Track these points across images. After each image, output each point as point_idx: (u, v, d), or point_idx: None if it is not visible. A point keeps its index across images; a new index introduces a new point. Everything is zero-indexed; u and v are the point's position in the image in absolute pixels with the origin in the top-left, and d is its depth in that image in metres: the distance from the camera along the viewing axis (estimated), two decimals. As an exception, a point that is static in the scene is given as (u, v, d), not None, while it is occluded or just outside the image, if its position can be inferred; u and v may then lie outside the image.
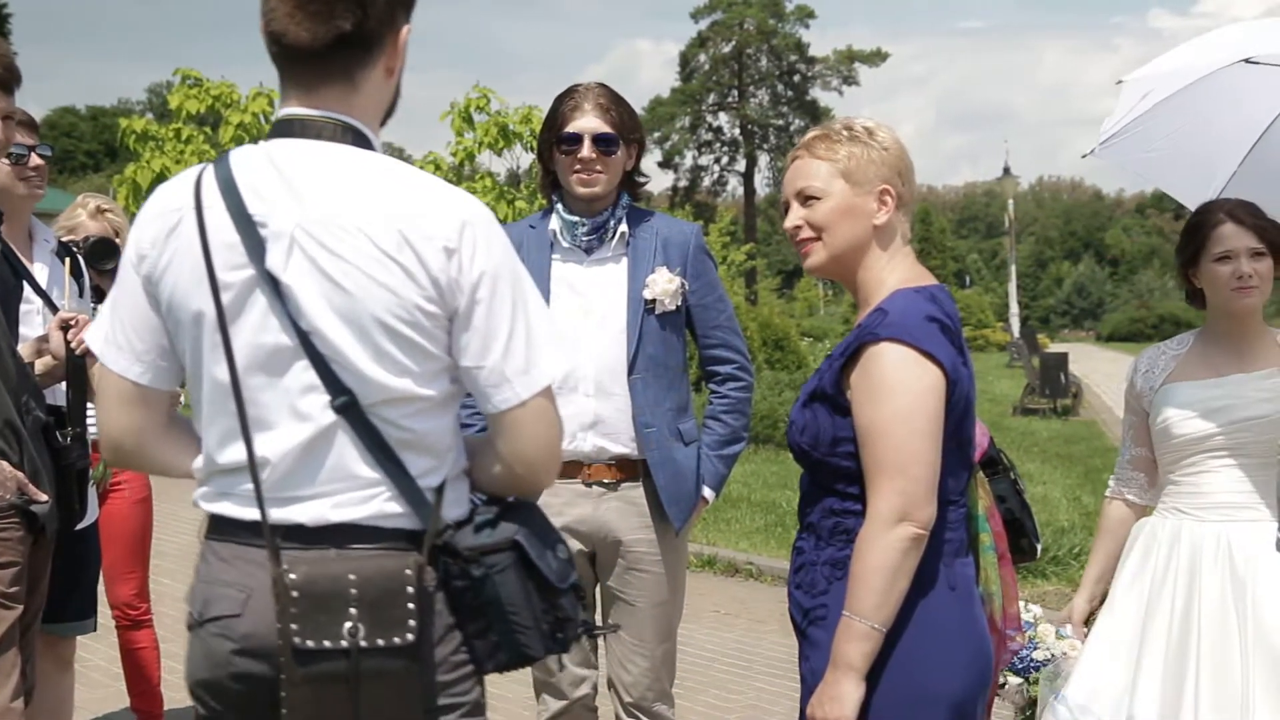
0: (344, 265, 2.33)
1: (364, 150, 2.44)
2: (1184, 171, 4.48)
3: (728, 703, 6.53)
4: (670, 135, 64.62)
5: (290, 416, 2.38)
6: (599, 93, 4.17)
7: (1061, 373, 22.25)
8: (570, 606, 2.47)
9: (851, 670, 2.77)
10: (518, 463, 2.48)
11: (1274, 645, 3.61)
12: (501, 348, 2.40)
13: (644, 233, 4.19)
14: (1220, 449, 3.80)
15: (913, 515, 2.76)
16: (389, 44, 2.45)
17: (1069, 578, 8.74)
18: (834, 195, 2.96)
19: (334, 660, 2.33)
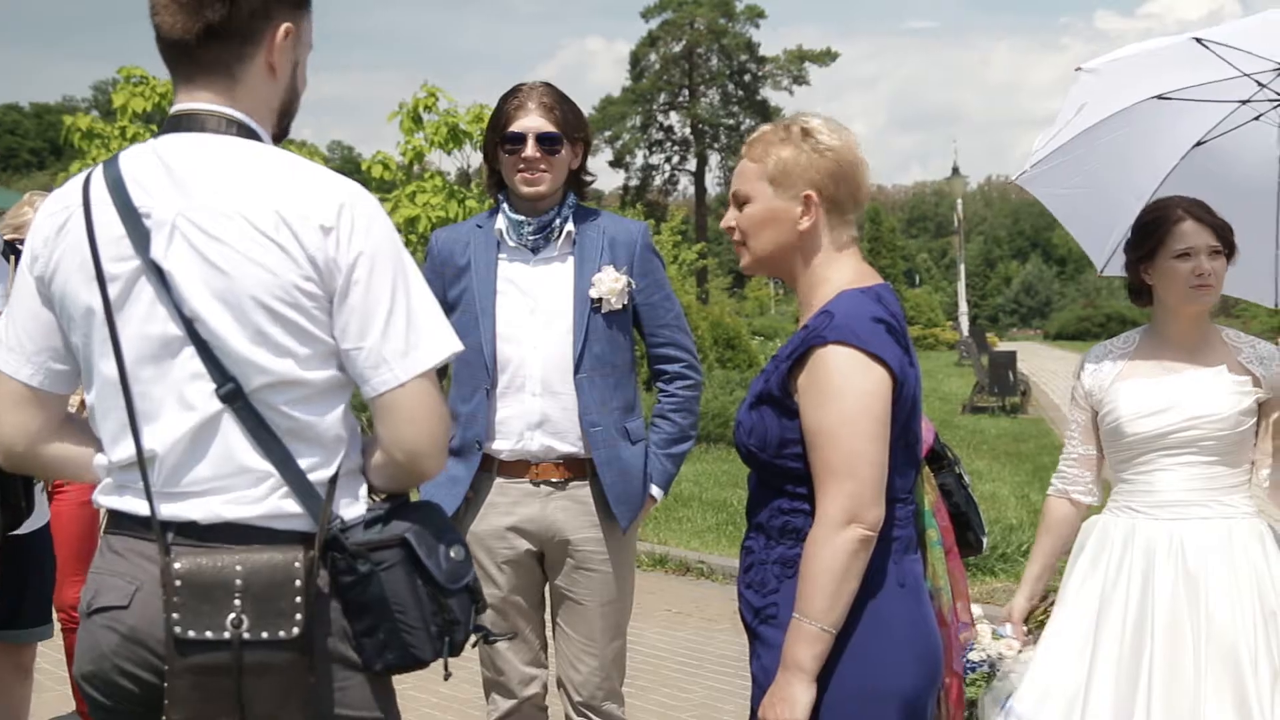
0: (222, 248, 2.34)
1: (249, 140, 2.45)
2: (1088, 219, 4.45)
3: (679, 701, 6.52)
4: (621, 134, 64.65)
5: (177, 406, 2.38)
6: (543, 92, 4.16)
7: (1010, 371, 22.38)
8: (461, 609, 2.45)
9: (802, 672, 2.77)
10: (397, 449, 2.44)
11: (1226, 645, 3.63)
12: (380, 329, 2.38)
13: (590, 231, 4.18)
14: (1171, 447, 3.81)
15: (861, 517, 2.76)
16: (265, 39, 2.46)
17: (1017, 574, 8.75)
18: (758, 200, 2.96)
19: (216, 651, 2.31)
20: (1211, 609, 3.67)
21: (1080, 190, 4.33)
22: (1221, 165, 4.22)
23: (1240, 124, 4.19)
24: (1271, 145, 4.23)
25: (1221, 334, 3.95)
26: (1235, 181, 4.03)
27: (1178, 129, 4.23)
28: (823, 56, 64.72)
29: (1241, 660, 3.60)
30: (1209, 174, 4.16)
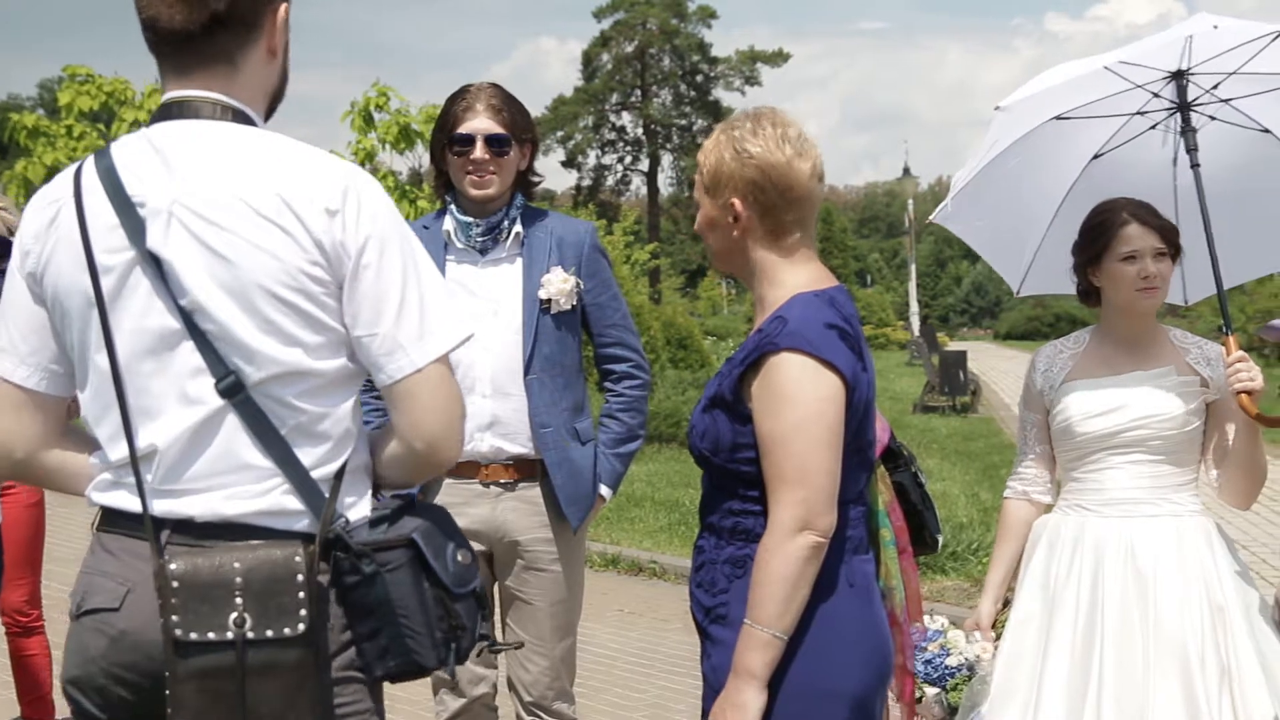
0: (224, 234, 2.26)
1: (245, 126, 2.38)
2: (1002, 245, 4.50)
3: (631, 701, 6.52)
4: (573, 134, 64.56)
5: (178, 402, 2.30)
6: (491, 93, 4.15)
7: (960, 370, 22.50)
8: (467, 614, 2.37)
9: (753, 679, 2.77)
10: (417, 437, 2.37)
11: (1174, 642, 3.65)
12: (394, 313, 2.32)
13: (539, 232, 4.18)
14: (1121, 446, 3.84)
15: (813, 524, 2.77)
16: (267, 22, 2.40)
17: (967, 573, 8.84)
18: (702, 206, 3.00)
19: (219, 653, 2.22)
20: (1160, 606, 3.69)
21: (990, 219, 4.38)
22: (1119, 175, 4.25)
23: (1136, 134, 4.23)
24: (1166, 151, 4.28)
25: (1169, 335, 3.98)
26: (1134, 190, 4.08)
27: (1075, 145, 4.28)
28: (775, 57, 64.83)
29: (1189, 657, 3.63)
30: (1108, 185, 4.19)
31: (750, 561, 2.84)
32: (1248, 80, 4.05)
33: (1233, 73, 4.02)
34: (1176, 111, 4.07)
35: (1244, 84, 4.08)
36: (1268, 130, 4.21)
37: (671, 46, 64.01)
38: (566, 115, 63.98)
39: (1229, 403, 3.79)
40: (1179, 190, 4.26)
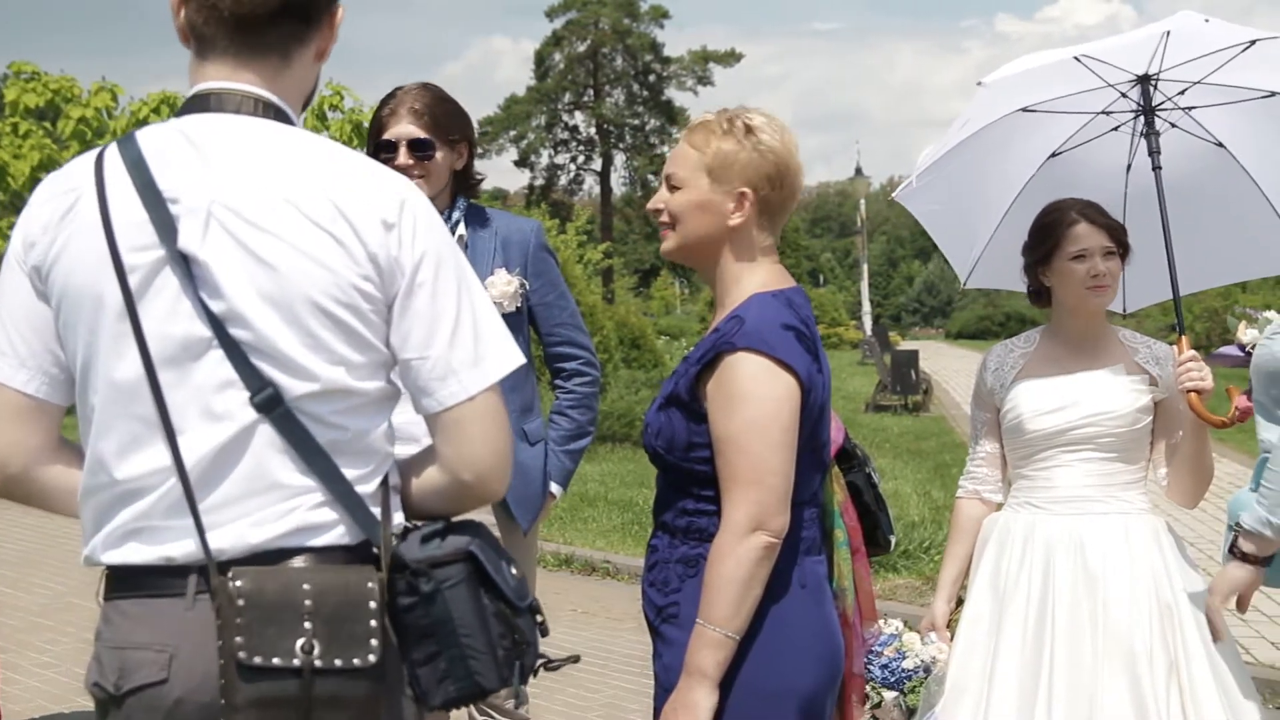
0: (271, 240, 2.09)
1: (288, 125, 2.22)
2: (954, 234, 4.51)
3: (586, 701, 6.52)
4: (526, 134, 64.46)
5: (203, 418, 2.10)
6: (415, 96, 4.11)
7: (912, 370, 22.61)
8: (529, 629, 2.20)
9: (705, 678, 2.77)
10: (466, 469, 2.21)
11: (1123, 638, 3.68)
12: (447, 336, 2.16)
13: (482, 234, 4.15)
14: (1070, 444, 3.86)
15: (767, 525, 2.77)
16: (326, 21, 2.28)
17: (919, 571, 8.89)
18: (694, 188, 2.93)
19: (284, 680, 2.03)
20: (1109, 603, 3.72)
21: (947, 205, 4.40)
22: (1074, 175, 4.28)
23: (1099, 134, 4.26)
24: (1120, 159, 4.31)
25: (1119, 334, 4.01)
26: (1085, 191, 4.12)
27: (1035, 141, 4.30)
28: (727, 57, 64.93)
29: (1137, 653, 3.66)
30: (1061, 184, 4.23)
31: (703, 561, 2.84)
32: (1210, 91, 4.08)
33: (1197, 82, 4.05)
34: (1140, 115, 4.09)
35: (1207, 94, 4.11)
36: (1221, 145, 4.24)
37: (624, 46, 64.02)
38: (519, 115, 63.88)
39: (1177, 402, 3.83)
40: (1129, 196, 4.30)
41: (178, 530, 2.11)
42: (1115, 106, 4.17)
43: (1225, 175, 4.26)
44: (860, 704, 3.38)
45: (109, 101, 15.89)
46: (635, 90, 65.84)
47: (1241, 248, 4.37)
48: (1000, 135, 4.19)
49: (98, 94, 15.76)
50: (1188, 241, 4.06)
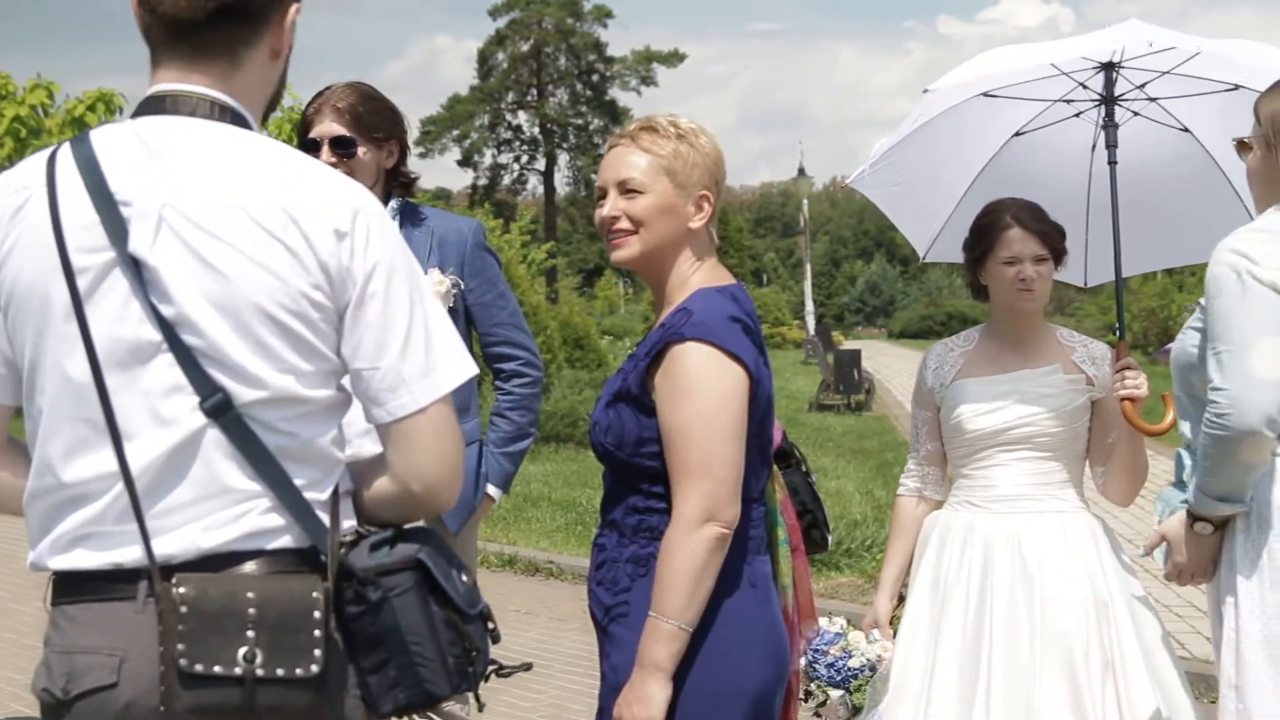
0: (221, 246, 2.07)
1: (243, 129, 2.20)
2: (913, 210, 4.55)
3: (529, 702, 6.51)
4: (469, 133, 64.27)
5: (152, 422, 2.08)
6: (341, 94, 4.08)
7: (855, 369, 22.73)
8: (479, 636, 2.20)
9: (659, 671, 2.78)
10: (415, 480, 2.21)
11: (1060, 635, 3.72)
12: (399, 347, 2.15)
13: (417, 233, 4.11)
14: (1009, 443, 3.90)
15: (718, 516, 2.78)
16: (275, 20, 2.23)
17: (861, 569, 8.93)
18: (657, 191, 2.93)
19: (225, 688, 2.02)
20: (1046, 600, 3.76)
21: (906, 184, 4.43)
22: (1037, 155, 4.37)
23: (1059, 119, 4.32)
24: (1086, 138, 4.38)
25: (1056, 333, 4.06)
26: (1048, 170, 4.19)
27: (998, 121, 4.36)
28: (670, 58, 65.02)
29: (1074, 650, 3.70)
30: (1024, 163, 4.32)
31: (653, 560, 2.85)
32: (1177, 81, 4.15)
33: (1166, 72, 4.12)
34: (1101, 104, 4.15)
35: (1172, 85, 4.18)
36: (1187, 129, 4.32)
37: (567, 46, 63.99)
38: (462, 114, 63.70)
39: (1113, 401, 3.87)
40: (1093, 176, 4.37)
41: (128, 535, 2.09)
42: (1076, 95, 4.22)
43: (1190, 160, 4.35)
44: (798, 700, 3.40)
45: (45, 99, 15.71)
46: (579, 90, 65.83)
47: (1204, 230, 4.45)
48: (960, 119, 4.24)
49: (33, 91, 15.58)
50: (1153, 224, 4.14)
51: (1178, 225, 4.37)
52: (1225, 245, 3.14)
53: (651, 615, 2.79)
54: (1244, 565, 3.13)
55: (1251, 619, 3.10)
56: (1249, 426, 3.03)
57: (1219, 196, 4.36)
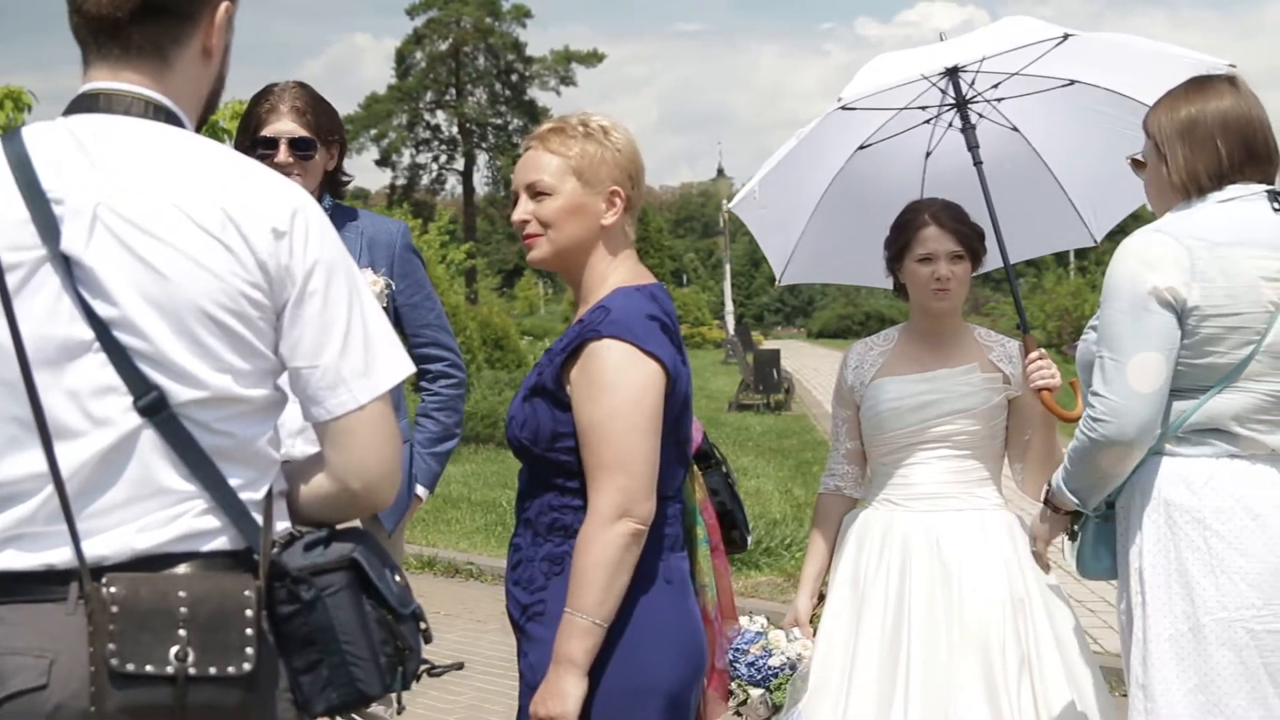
0: (158, 245, 2.06)
1: (177, 129, 2.19)
2: (774, 233, 4.57)
3: (448, 704, 6.48)
4: (387, 133, 63.89)
5: (84, 422, 2.07)
6: (295, 94, 4.08)
7: (774, 369, 22.85)
8: (412, 635, 2.22)
9: (574, 666, 2.78)
10: (354, 477, 2.22)
11: (977, 632, 3.75)
12: (338, 345, 2.16)
13: (348, 233, 4.11)
14: (927, 441, 3.93)
15: (633, 512, 2.78)
16: (205, 18, 2.21)
17: (781, 568, 8.97)
18: (564, 193, 2.95)
19: (157, 687, 2.01)
20: (964, 597, 3.79)
21: (770, 209, 4.47)
22: (878, 168, 4.41)
23: (912, 126, 4.37)
24: (921, 146, 4.44)
25: (974, 333, 4.09)
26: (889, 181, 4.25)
27: (848, 136, 4.39)
28: (590, 58, 65.01)
29: (991, 646, 3.74)
30: (866, 178, 4.37)
31: (568, 559, 2.85)
32: (1021, 82, 4.23)
33: (1014, 73, 4.19)
34: (954, 108, 4.19)
35: (1016, 86, 4.26)
36: (1016, 129, 4.41)
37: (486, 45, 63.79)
38: (380, 113, 63.30)
39: (1028, 399, 3.92)
40: (925, 181, 4.45)
41: (59, 536, 2.07)
42: (928, 100, 4.27)
43: (1023, 159, 4.45)
44: (722, 699, 3.41)
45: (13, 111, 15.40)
46: (498, 90, 65.65)
47: (1040, 225, 4.55)
48: (819, 135, 4.25)
49: (3, 102, 15.27)
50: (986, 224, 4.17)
51: (1024, 220, 4.41)
52: (1126, 247, 3.19)
53: (567, 611, 2.79)
54: (1151, 567, 3.17)
55: (1159, 620, 3.14)
56: (1124, 437, 3.08)
57: (1046, 193, 4.48)
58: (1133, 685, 3.21)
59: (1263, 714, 3.07)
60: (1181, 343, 3.10)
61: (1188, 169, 3.19)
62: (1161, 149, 3.24)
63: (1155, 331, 3.08)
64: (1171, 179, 3.22)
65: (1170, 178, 3.22)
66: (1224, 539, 3.09)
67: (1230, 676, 3.07)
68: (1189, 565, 3.11)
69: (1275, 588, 3.08)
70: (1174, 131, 3.21)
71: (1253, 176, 3.19)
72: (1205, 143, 3.17)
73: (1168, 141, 3.22)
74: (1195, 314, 3.07)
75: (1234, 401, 3.12)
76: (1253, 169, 3.19)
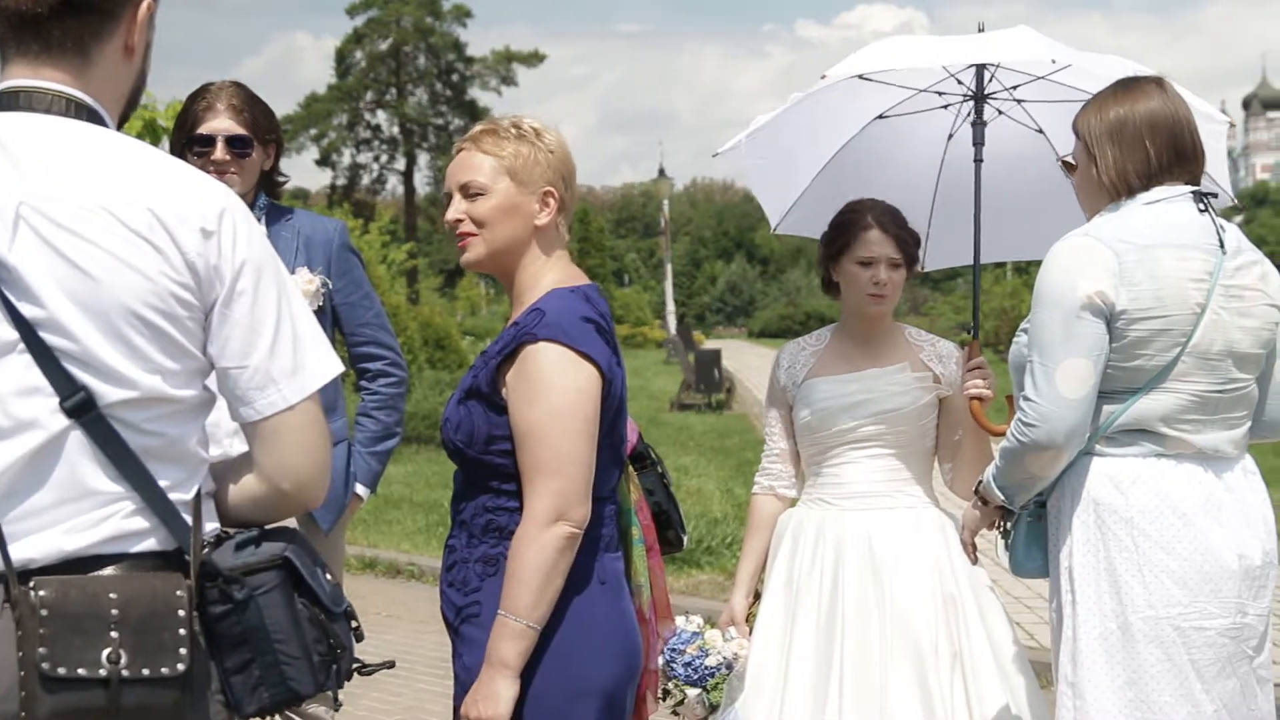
0: (85, 246, 2.04)
1: (100, 128, 2.16)
2: (774, 183, 4.60)
3: (388, 705, 6.47)
4: (327, 132, 63.46)
5: (9, 424, 2.04)
6: (232, 92, 4.08)
7: (715, 368, 22.90)
8: (344, 634, 2.21)
9: (506, 669, 2.79)
10: (284, 478, 2.22)
11: (909, 629, 3.79)
12: (267, 345, 2.16)
13: (284, 231, 4.12)
14: (860, 441, 3.96)
15: (568, 515, 2.80)
16: (126, 15, 2.19)
17: (721, 567, 9.00)
18: (498, 192, 2.96)
19: (90, 690, 1.99)
20: (896, 595, 3.83)
21: (770, 160, 4.48)
22: (897, 141, 4.46)
23: (925, 108, 4.41)
24: (944, 128, 4.48)
25: (905, 332, 4.13)
26: (903, 156, 4.29)
27: (865, 102, 4.42)
28: (531, 58, 64.81)
29: (923, 644, 3.78)
30: (883, 146, 4.41)
31: (503, 560, 2.86)
32: (1044, 87, 4.26)
33: (1039, 77, 4.22)
34: (971, 100, 4.23)
35: (1040, 90, 4.29)
36: (1042, 131, 4.44)
37: (426, 45, 63.48)
38: (320, 113, 62.84)
39: (960, 399, 3.97)
40: (945, 166, 4.49)
41: None
42: (948, 88, 4.31)
43: (1039, 162, 4.45)
44: (656, 699, 3.43)
45: None
46: (438, 90, 65.34)
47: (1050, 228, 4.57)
48: (833, 98, 4.28)
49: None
50: (994, 219, 4.21)
51: (1018, 223, 4.46)
52: (1055, 252, 3.23)
53: (500, 613, 2.81)
54: (1081, 566, 3.22)
55: (1090, 617, 3.19)
56: (1052, 442, 3.13)
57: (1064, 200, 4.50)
58: (1061, 683, 3.26)
59: (1189, 709, 3.12)
60: (1111, 346, 3.15)
61: (1117, 169, 3.23)
62: (1091, 150, 3.29)
63: (1083, 337, 3.12)
64: (1101, 179, 3.26)
65: (1100, 178, 3.27)
66: (1151, 538, 3.14)
67: (1158, 674, 3.13)
68: (1117, 564, 3.17)
69: (1201, 586, 3.13)
70: (1103, 132, 3.25)
71: (1180, 176, 3.24)
72: (1134, 143, 3.22)
73: (1097, 142, 3.27)
74: (1124, 317, 3.12)
75: (1161, 402, 3.17)
76: (1180, 169, 3.24)
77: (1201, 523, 3.15)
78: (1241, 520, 3.20)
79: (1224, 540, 3.15)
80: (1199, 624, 3.13)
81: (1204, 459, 3.21)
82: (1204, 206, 3.22)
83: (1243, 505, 3.22)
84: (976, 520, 3.47)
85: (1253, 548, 3.19)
